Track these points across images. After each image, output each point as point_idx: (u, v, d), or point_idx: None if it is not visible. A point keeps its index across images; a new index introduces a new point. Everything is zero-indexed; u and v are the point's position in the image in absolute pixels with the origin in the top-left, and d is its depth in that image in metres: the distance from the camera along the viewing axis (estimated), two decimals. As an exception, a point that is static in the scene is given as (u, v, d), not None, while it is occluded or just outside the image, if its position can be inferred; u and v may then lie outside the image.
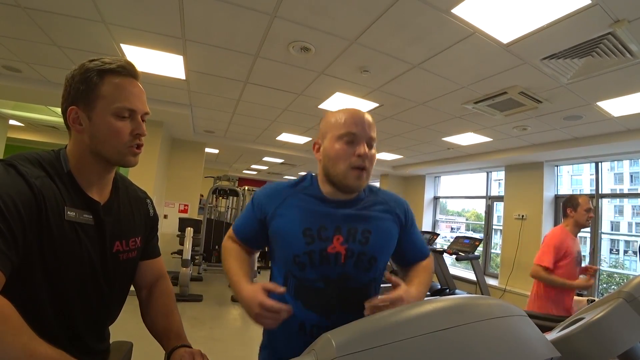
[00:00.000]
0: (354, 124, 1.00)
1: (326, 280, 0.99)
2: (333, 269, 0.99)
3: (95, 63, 0.85)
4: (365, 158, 1.00)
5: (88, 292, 0.87)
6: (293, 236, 1.01)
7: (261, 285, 0.90)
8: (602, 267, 5.08)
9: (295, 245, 1.00)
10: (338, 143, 1.01)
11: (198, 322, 4.13)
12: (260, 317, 0.87)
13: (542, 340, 0.57)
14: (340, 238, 1.01)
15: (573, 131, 4.14)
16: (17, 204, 0.70)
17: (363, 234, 1.03)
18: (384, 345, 0.41)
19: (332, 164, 1.02)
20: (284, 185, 1.11)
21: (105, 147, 0.86)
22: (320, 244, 0.99)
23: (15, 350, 0.59)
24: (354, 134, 1.00)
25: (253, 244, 1.15)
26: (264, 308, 0.86)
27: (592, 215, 2.61)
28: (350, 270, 1.00)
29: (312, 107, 4.23)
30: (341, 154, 1.00)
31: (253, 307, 0.87)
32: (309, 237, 1.00)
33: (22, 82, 3.93)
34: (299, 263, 0.99)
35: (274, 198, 1.08)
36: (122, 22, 2.54)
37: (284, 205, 1.06)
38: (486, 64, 2.69)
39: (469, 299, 0.53)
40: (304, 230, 1.00)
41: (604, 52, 2.30)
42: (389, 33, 2.38)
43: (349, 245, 1.00)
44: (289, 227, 1.02)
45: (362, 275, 1.02)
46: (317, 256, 0.99)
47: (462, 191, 7.92)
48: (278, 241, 1.05)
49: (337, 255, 0.99)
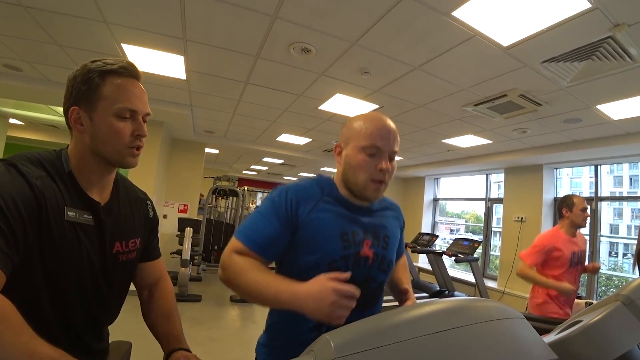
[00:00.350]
0: (379, 137, 0.99)
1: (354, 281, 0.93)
2: (361, 271, 1.01)
3: (97, 64, 0.85)
4: (386, 172, 1.00)
5: (87, 292, 0.87)
6: (332, 240, 0.98)
7: (325, 276, 0.83)
8: (601, 270, 5.08)
9: (333, 250, 0.97)
10: (361, 154, 1.00)
11: (197, 323, 4.13)
12: (337, 306, 0.78)
13: (540, 342, 0.57)
14: (369, 242, 1.03)
15: (573, 134, 4.15)
16: (18, 203, 0.70)
17: (384, 239, 1.08)
18: (382, 347, 0.41)
19: (353, 172, 1.01)
20: (312, 187, 1.05)
21: (105, 147, 0.86)
22: (355, 248, 1.00)
23: (16, 350, 0.59)
24: (378, 148, 0.99)
25: (271, 254, 0.99)
26: (341, 294, 0.78)
27: (588, 215, 2.61)
28: (374, 272, 1.04)
29: (312, 108, 4.24)
30: (363, 165, 0.99)
31: (326, 297, 0.78)
32: (346, 241, 0.99)
33: (22, 81, 3.93)
34: (335, 269, 0.95)
35: (308, 199, 1.02)
36: (124, 21, 2.54)
37: (317, 208, 1.01)
38: (486, 67, 2.70)
39: (467, 301, 0.54)
40: (342, 233, 0.99)
41: (604, 55, 2.31)
42: (389, 35, 2.39)
43: (375, 250, 1.04)
44: (328, 230, 0.99)
45: (381, 276, 1.07)
46: (351, 260, 0.99)
47: (461, 193, 7.94)
48: (309, 246, 0.98)
49: (367, 258, 1.02)
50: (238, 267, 0.93)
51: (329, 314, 0.78)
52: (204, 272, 6.84)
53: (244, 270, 0.92)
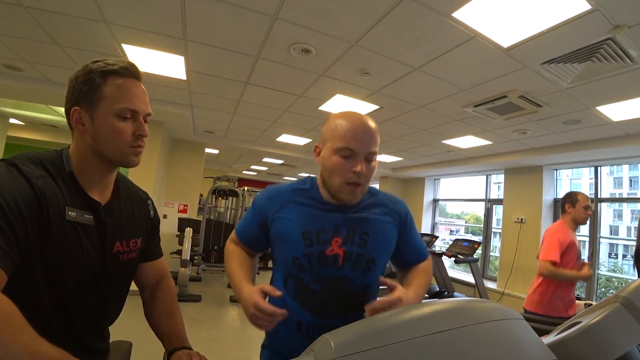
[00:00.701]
0: (353, 139, 0.95)
1: (323, 281, 1.01)
2: (331, 271, 1.00)
3: (99, 64, 0.86)
4: (361, 175, 0.97)
5: (88, 292, 0.87)
6: (292, 239, 1.02)
7: (259, 287, 0.92)
8: (600, 271, 5.09)
9: (295, 248, 1.01)
10: (335, 156, 0.97)
11: (197, 323, 4.13)
12: (255, 318, 0.89)
13: (539, 343, 0.57)
14: (339, 240, 1.01)
15: (572, 135, 4.15)
16: (19, 203, 0.70)
17: (361, 236, 1.03)
18: (382, 347, 0.42)
19: (328, 175, 1.01)
20: (284, 189, 1.11)
21: (107, 147, 0.87)
22: (319, 246, 1.00)
23: (17, 349, 0.59)
24: (352, 150, 0.96)
25: (255, 247, 1.16)
26: (258, 309, 0.87)
27: (590, 213, 2.62)
28: (348, 272, 1.01)
29: (312, 109, 4.24)
30: (337, 167, 0.97)
31: (249, 307, 0.89)
32: (308, 239, 1.00)
33: (23, 81, 3.93)
34: (298, 265, 1.01)
35: (274, 201, 1.08)
36: (124, 22, 2.54)
37: (284, 208, 1.06)
38: (486, 68, 2.70)
39: (466, 302, 0.54)
40: (302, 232, 1.01)
41: (604, 57, 2.31)
42: (390, 36, 2.39)
43: (347, 248, 1.01)
44: (288, 230, 1.03)
45: (361, 278, 1.03)
46: (315, 258, 1.00)
47: (461, 194, 7.94)
48: (278, 244, 1.07)
49: (336, 257, 1.00)
50: (229, 254, 1.16)
51: (251, 323, 0.91)
52: (203, 272, 6.84)
53: (228, 258, 1.14)
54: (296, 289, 1.03)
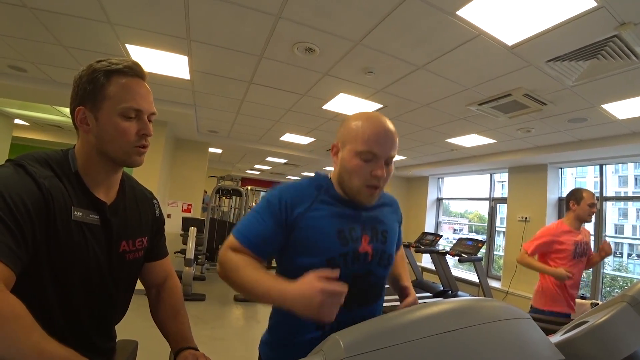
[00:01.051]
0: (376, 143, 0.96)
1: (354, 277, 0.99)
2: (361, 267, 1.02)
3: (103, 64, 0.86)
4: (381, 178, 0.98)
5: (94, 291, 0.88)
6: (328, 238, 0.98)
7: (314, 275, 0.82)
8: (605, 270, 5.06)
9: (330, 248, 0.98)
10: (356, 159, 0.97)
11: (201, 322, 4.15)
12: (324, 306, 0.78)
13: (547, 343, 0.57)
14: (367, 238, 1.04)
15: (577, 133, 4.13)
16: (26, 203, 0.71)
17: (383, 234, 1.08)
18: (391, 347, 0.42)
19: (348, 176, 1.01)
20: (307, 187, 1.06)
21: (111, 147, 0.87)
22: (353, 245, 1.00)
23: (27, 348, 0.60)
24: (374, 154, 0.96)
25: (264, 253, 1.01)
26: (328, 294, 0.78)
27: (595, 210, 2.63)
28: (374, 267, 1.05)
29: (316, 108, 4.24)
30: (358, 170, 0.98)
31: (314, 297, 0.78)
32: (343, 238, 1.00)
33: (27, 82, 3.96)
34: (334, 266, 0.95)
35: (303, 199, 1.02)
36: (128, 22, 2.55)
37: (313, 207, 1.01)
38: (491, 66, 2.69)
39: (474, 302, 0.54)
40: (338, 232, 1.00)
41: (610, 54, 2.29)
42: (393, 34, 2.38)
43: (374, 245, 1.05)
44: (323, 229, 0.99)
45: (382, 271, 1.08)
46: (350, 257, 1.00)
47: (465, 193, 7.91)
48: (305, 245, 0.99)
49: (366, 254, 1.03)
50: (233, 264, 0.95)
51: (318, 314, 0.79)
52: (207, 271, 6.86)
53: (239, 267, 0.94)
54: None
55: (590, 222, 2.67)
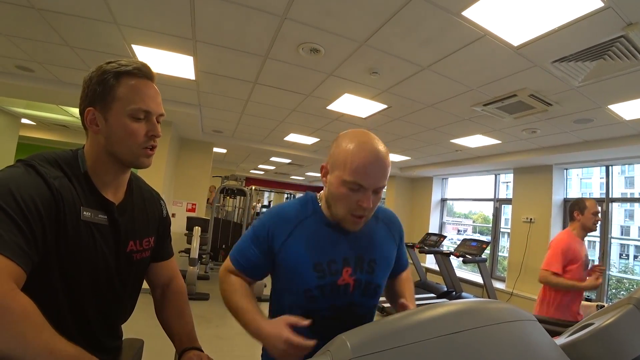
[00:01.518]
0: (365, 175, 0.92)
1: (335, 309, 1.00)
2: (342, 299, 1.00)
3: (112, 65, 0.87)
4: (367, 209, 0.95)
5: (102, 290, 0.89)
6: (304, 271, 0.98)
7: (284, 321, 0.87)
8: (611, 272, 5.02)
9: (307, 280, 0.98)
10: (343, 187, 0.94)
11: (204, 321, 4.16)
12: (286, 355, 0.84)
13: (552, 345, 0.57)
14: (349, 270, 1.01)
15: (583, 134, 4.10)
16: (37, 203, 0.72)
17: (369, 264, 1.04)
18: (397, 347, 0.42)
19: (334, 203, 0.98)
20: (288, 213, 1.05)
21: (120, 147, 0.88)
22: (331, 277, 0.99)
23: (37, 347, 0.61)
24: (361, 186, 0.93)
25: (255, 275, 1.07)
26: (291, 346, 0.82)
27: (599, 219, 2.59)
28: (357, 298, 1.03)
29: (320, 108, 4.24)
30: (344, 199, 0.95)
31: (278, 344, 0.84)
32: (321, 271, 0.98)
33: (34, 82, 3.99)
34: (310, 297, 0.98)
35: (281, 229, 1.02)
36: (134, 23, 2.57)
37: (292, 236, 1.01)
38: (496, 67, 2.68)
39: (479, 303, 0.54)
40: (314, 265, 0.99)
41: (616, 55, 2.28)
42: (399, 35, 2.38)
43: (357, 276, 1.02)
44: (299, 261, 0.99)
45: (367, 302, 1.05)
46: (328, 289, 0.99)
47: (469, 193, 7.88)
48: (287, 274, 1.02)
49: (347, 286, 1.01)
50: (227, 286, 1.04)
51: (279, 358, 0.86)
52: (211, 270, 6.89)
53: (230, 291, 1.03)
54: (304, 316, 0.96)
55: (595, 230, 2.64)
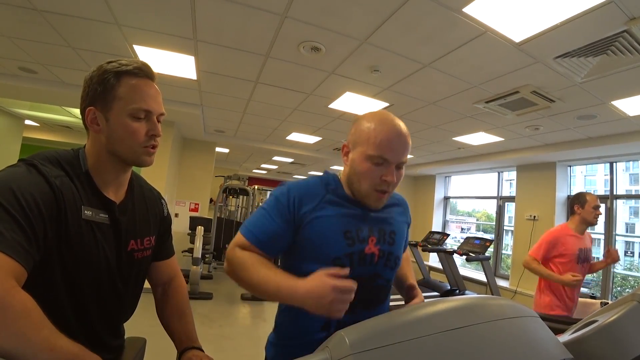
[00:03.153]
0: (388, 148, 0.94)
1: (360, 279, 0.94)
2: (367, 269, 1.01)
3: (113, 65, 0.87)
4: (391, 184, 0.97)
5: (104, 289, 0.89)
6: (334, 238, 0.98)
7: (324, 272, 0.84)
8: (616, 270, 4.99)
9: (336, 248, 0.97)
10: (367, 162, 0.96)
11: (208, 320, 4.18)
12: (335, 304, 0.80)
13: (554, 341, 0.56)
14: (374, 239, 1.03)
15: (587, 131, 4.07)
16: (38, 202, 0.72)
17: (390, 235, 1.07)
18: (397, 344, 0.42)
19: (357, 179, 0.99)
20: (314, 185, 1.05)
21: (121, 147, 0.88)
22: (359, 245, 0.99)
23: (37, 344, 0.61)
24: (386, 159, 0.95)
25: (273, 250, 1.01)
26: (340, 290, 0.80)
27: (600, 213, 2.61)
28: (380, 269, 1.04)
29: (322, 107, 4.24)
30: (368, 174, 0.97)
31: (327, 294, 0.80)
32: (350, 239, 0.99)
33: (37, 83, 4.02)
34: (339, 265, 0.94)
35: (311, 198, 1.01)
36: (135, 23, 2.57)
37: (321, 206, 1.01)
38: (498, 63, 2.67)
39: (480, 299, 0.53)
40: (344, 232, 0.99)
41: (619, 50, 2.26)
42: (399, 32, 2.37)
43: (381, 246, 1.03)
44: (330, 229, 0.98)
45: (388, 273, 1.07)
46: (356, 257, 0.99)
47: (472, 191, 7.85)
48: (314, 244, 0.98)
49: (372, 255, 1.01)
50: (242, 261, 0.95)
51: (329, 310, 0.81)
52: (215, 270, 6.91)
53: (247, 265, 0.94)
54: None
55: (596, 224, 2.65)
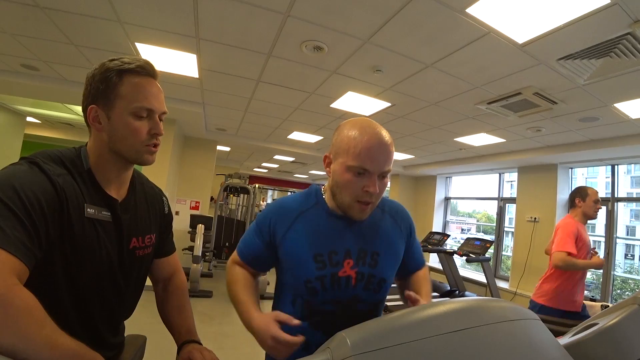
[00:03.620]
0: (369, 159, 0.91)
1: (337, 303, 0.99)
2: (344, 292, 0.99)
3: (115, 63, 0.86)
4: (374, 194, 0.93)
5: (105, 287, 0.89)
6: (304, 262, 0.98)
7: (273, 316, 0.88)
8: (616, 273, 4.98)
9: (307, 271, 0.97)
10: (348, 173, 0.93)
11: (207, 318, 4.18)
12: (274, 350, 0.85)
13: (555, 345, 0.56)
14: (351, 262, 0.99)
15: (589, 133, 4.06)
16: (40, 200, 0.72)
17: (372, 256, 1.02)
18: (398, 345, 0.42)
19: (339, 191, 0.97)
20: (290, 205, 1.06)
21: (123, 145, 0.88)
22: (332, 268, 0.98)
23: (39, 341, 0.61)
24: (366, 170, 0.92)
25: (260, 267, 1.10)
26: (278, 342, 0.83)
27: (600, 207, 2.64)
28: (360, 292, 1.00)
29: (323, 106, 4.23)
30: (349, 185, 0.94)
31: (266, 339, 0.85)
32: (321, 262, 0.97)
33: (39, 81, 4.02)
34: (310, 288, 0.97)
35: (282, 221, 1.02)
36: (137, 21, 2.57)
37: (293, 228, 1.01)
38: (500, 64, 2.66)
39: (482, 302, 0.53)
40: (314, 255, 0.98)
41: (623, 52, 2.25)
42: (402, 33, 2.37)
43: (359, 269, 1.00)
44: (299, 252, 0.99)
45: (372, 297, 1.02)
46: (328, 280, 0.97)
47: (473, 192, 7.84)
48: (288, 265, 1.02)
49: (348, 278, 0.99)
50: (230, 277, 1.08)
51: (269, 353, 0.88)
52: (215, 268, 6.91)
53: (232, 282, 1.06)
54: (307, 310, 0.99)
55: (596, 218, 2.67)
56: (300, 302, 1.00)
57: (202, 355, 0.90)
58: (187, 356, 0.91)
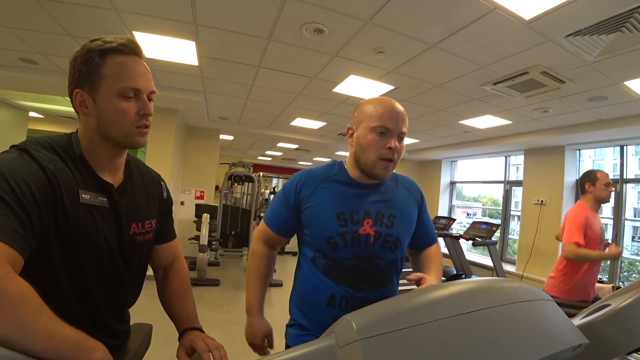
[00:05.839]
0: (389, 119, 1.07)
1: (355, 258, 1.10)
2: (363, 249, 1.10)
3: (97, 43, 0.83)
4: (395, 151, 1.08)
5: (106, 273, 0.88)
6: (327, 220, 1.10)
7: (264, 332, 1.23)
8: (624, 255, 4.95)
9: (330, 228, 1.09)
10: (371, 134, 1.08)
11: (215, 306, 4.22)
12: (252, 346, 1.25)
13: (570, 326, 0.54)
14: (370, 221, 1.11)
15: (597, 113, 3.98)
16: (31, 187, 0.70)
17: (389, 218, 1.14)
18: (406, 329, 0.39)
19: (364, 152, 1.10)
20: (314, 173, 1.19)
21: (112, 129, 0.84)
22: (353, 226, 1.09)
23: (36, 331, 0.59)
24: (388, 128, 1.07)
25: (285, 232, 1.22)
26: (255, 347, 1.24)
27: (612, 190, 2.55)
28: (377, 250, 1.11)
29: (326, 91, 4.18)
30: (373, 144, 1.08)
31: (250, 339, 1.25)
32: (342, 220, 1.09)
33: (39, 74, 3.99)
34: (332, 244, 1.09)
35: (307, 185, 1.16)
36: (134, 9, 2.53)
37: (317, 191, 1.14)
38: (506, 43, 2.59)
39: (494, 282, 0.51)
40: (337, 214, 1.10)
41: (634, 27, 2.17)
42: (404, 11, 2.30)
43: (377, 228, 1.11)
44: (323, 211, 1.11)
45: (389, 255, 1.13)
46: (349, 237, 1.08)
47: (479, 176, 7.78)
48: (311, 225, 1.14)
49: (367, 236, 1.10)
50: (251, 262, 1.27)
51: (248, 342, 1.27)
52: (221, 257, 6.96)
53: (251, 269, 1.27)
54: (327, 265, 1.11)
55: (609, 202, 2.59)
56: (320, 258, 1.12)
57: (204, 343, 0.88)
58: (189, 344, 0.89)
